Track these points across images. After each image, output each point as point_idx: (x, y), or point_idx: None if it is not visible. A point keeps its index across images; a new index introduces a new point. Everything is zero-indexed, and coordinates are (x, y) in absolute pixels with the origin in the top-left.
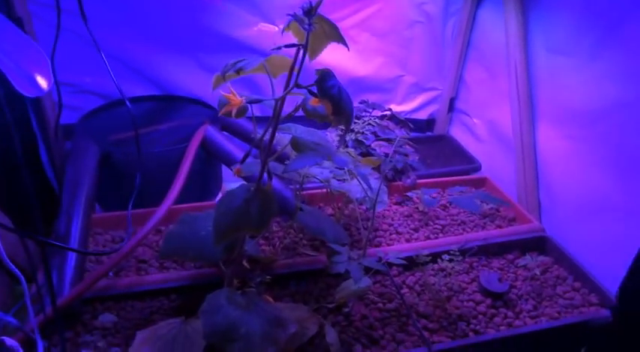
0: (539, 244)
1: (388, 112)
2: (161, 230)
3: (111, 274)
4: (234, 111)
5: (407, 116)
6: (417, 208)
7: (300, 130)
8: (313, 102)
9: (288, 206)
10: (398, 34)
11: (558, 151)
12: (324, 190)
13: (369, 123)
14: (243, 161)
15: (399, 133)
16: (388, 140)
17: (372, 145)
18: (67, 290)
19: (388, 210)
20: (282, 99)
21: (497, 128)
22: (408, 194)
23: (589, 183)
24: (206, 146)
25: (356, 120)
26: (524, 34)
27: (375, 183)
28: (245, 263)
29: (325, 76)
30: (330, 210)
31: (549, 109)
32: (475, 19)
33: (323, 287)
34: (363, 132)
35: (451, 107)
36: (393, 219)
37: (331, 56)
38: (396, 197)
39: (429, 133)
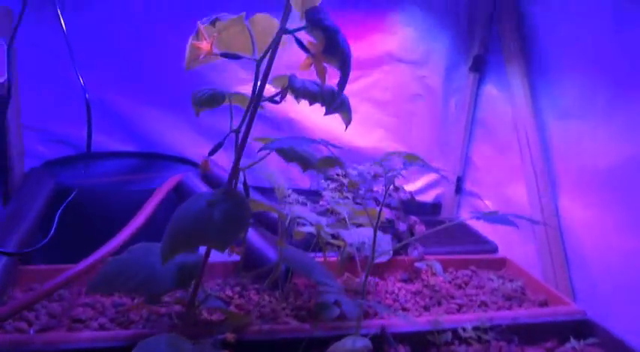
0: (580, 329)
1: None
2: None
3: (32, 332)
4: (200, 58)
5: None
6: (427, 285)
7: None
8: (303, 65)
9: (265, 259)
10: (398, 106)
11: (585, 222)
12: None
13: (369, 190)
14: (212, 153)
15: (404, 196)
16: (390, 206)
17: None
18: None
19: (392, 286)
20: (270, 57)
21: (511, 208)
22: (417, 265)
23: (629, 253)
24: (183, 194)
25: (352, 188)
26: (532, 104)
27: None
28: (205, 314)
29: (315, 9)
30: None
31: (568, 178)
32: (479, 95)
33: None
34: (361, 198)
35: (458, 188)
36: (398, 295)
37: (328, 122)
38: (401, 273)
39: (434, 217)
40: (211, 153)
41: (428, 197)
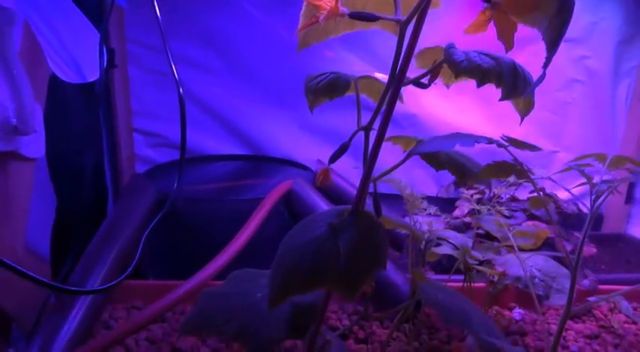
0: None
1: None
2: None
3: None
4: (321, 20)
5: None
6: (605, 326)
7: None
8: (475, 25)
9: (395, 294)
10: (548, 95)
11: None
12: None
13: (514, 198)
14: (334, 159)
15: (569, 209)
16: (548, 221)
17: (523, 225)
18: None
19: (555, 324)
20: (418, 20)
21: None
22: (592, 300)
23: None
24: (292, 204)
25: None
26: None
27: (547, 260)
28: None
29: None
30: None
31: None
32: None
33: None
34: (506, 207)
35: (630, 197)
36: (567, 340)
37: (459, 117)
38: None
39: (596, 232)
40: (333, 159)
41: (583, 207)
